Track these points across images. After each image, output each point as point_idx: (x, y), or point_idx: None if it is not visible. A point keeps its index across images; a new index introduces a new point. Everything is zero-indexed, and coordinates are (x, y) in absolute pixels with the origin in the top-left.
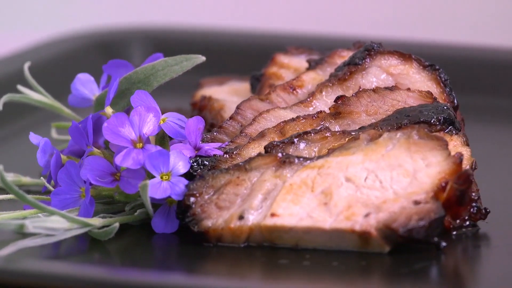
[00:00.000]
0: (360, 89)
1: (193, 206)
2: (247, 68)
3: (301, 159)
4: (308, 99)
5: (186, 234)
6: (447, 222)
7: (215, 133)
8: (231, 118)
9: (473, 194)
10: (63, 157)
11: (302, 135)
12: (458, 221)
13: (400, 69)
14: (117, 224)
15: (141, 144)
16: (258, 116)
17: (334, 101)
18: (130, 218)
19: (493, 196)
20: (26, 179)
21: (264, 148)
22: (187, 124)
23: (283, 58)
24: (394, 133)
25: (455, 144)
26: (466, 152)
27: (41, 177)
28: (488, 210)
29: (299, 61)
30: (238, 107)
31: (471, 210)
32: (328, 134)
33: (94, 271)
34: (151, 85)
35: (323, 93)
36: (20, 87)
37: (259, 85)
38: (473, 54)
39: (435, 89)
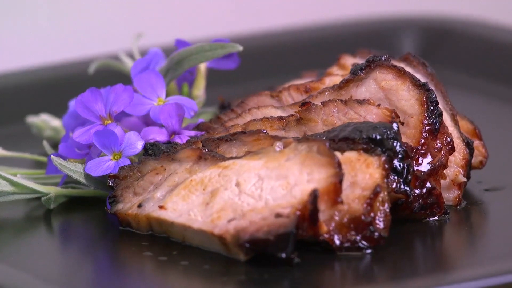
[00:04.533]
0: (330, 100)
1: (115, 187)
2: None
3: (219, 157)
4: (303, 102)
5: None
6: (329, 240)
7: (210, 121)
8: (232, 109)
9: (363, 216)
10: None
11: (238, 135)
12: (343, 241)
13: (391, 85)
14: (52, 194)
15: (109, 121)
16: (246, 112)
17: (299, 106)
18: (84, 192)
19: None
20: None
21: (201, 141)
22: (161, 109)
23: (347, 60)
24: (300, 144)
25: (369, 165)
26: (377, 174)
27: (44, 142)
28: (382, 236)
29: None
30: (242, 100)
31: (365, 233)
32: (260, 136)
33: None
34: (182, 67)
35: (318, 98)
36: (122, 56)
37: None
38: None
39: (417, 109)
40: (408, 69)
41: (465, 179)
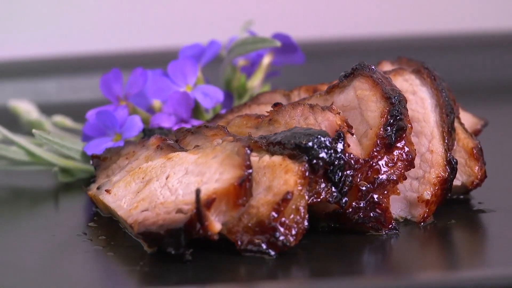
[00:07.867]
0: (298, 103)
1: (96, 168)
2: None
3: (174, 147)
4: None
5: None
6: (234, 241)
7: (226, 113)
8: (245, 103)
9: (267, 221)
10: None
11: (201, 128)
12: (242, 243)
13: (364, 95)
14: (56, 168)
15: (123, 102)
16: (245, 106)
17: (271, 106)
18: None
19: None
20: None
21: (175, 131)
22: (169, 96)
23: (385, 66)
24: (230, 143)
25: (288, 171)
26: (292, 180)
27: None
28: (285, 243)
29: None
30: (256, 96)
31: (269, 238)
32: (219, 132)
33: None
34: (227, 58)
35: (309, 101)
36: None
37: None
38: None
39: (376, 121)
40: (416, 81)
41: (429, 197)
